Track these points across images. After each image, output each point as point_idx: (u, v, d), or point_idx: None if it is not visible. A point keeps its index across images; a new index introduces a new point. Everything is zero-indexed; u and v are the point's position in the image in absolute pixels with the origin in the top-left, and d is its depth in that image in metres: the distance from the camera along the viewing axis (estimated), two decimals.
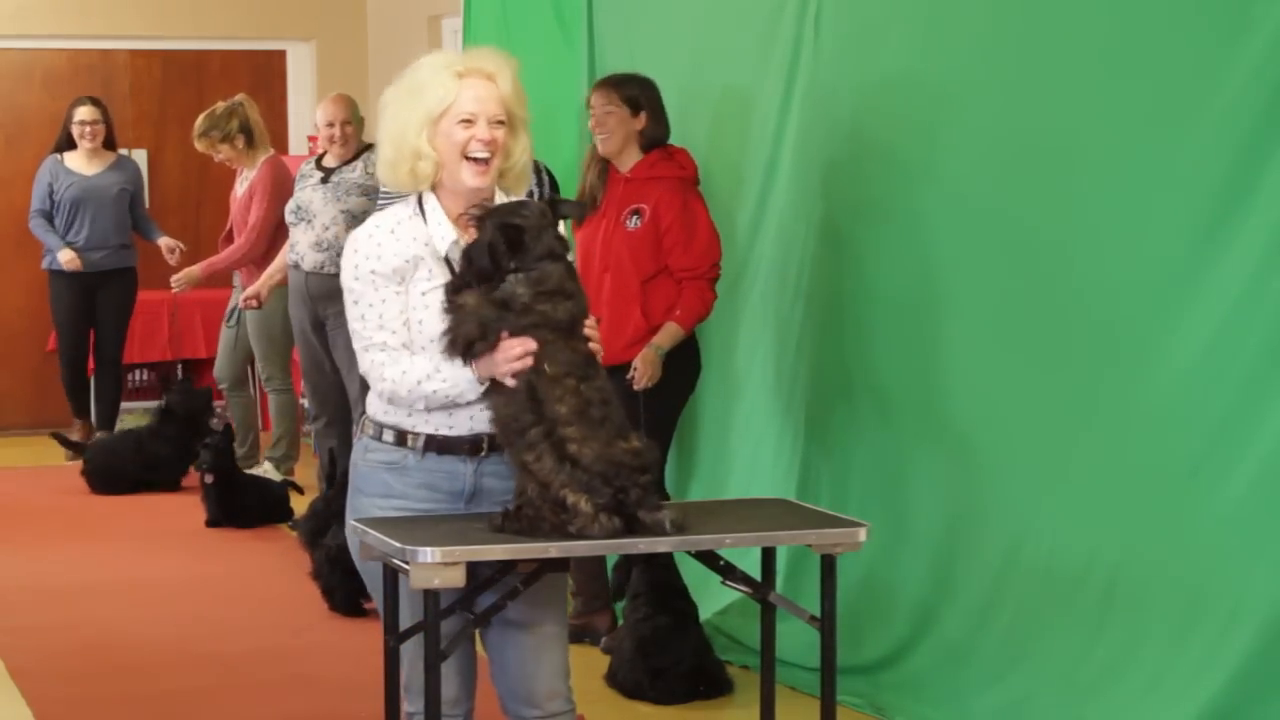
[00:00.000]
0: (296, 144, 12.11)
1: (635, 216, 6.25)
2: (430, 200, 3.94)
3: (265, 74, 12.30)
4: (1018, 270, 5.31)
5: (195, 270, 9.55)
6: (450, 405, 3.88)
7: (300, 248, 8.47)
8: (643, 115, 6.31)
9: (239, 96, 9.61)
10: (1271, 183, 4.49)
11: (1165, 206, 4.80)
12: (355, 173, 8.47)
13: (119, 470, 9.49)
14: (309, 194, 8.50)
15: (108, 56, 12.02)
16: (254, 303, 9.02)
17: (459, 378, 3.82)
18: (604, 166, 6.38)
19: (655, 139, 6.34)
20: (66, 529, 8.86)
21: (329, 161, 8.60)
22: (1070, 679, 5.09)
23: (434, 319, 3.87)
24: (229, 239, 9.62)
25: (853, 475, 6.01)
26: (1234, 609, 4.61)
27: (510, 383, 3.75)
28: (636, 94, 6.34)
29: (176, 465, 9.52)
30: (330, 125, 8.55)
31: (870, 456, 5.93)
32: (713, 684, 5.85)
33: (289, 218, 8.57)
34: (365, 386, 4.06)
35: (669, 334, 6.18)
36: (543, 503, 3.77)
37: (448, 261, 3.89)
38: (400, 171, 3.92)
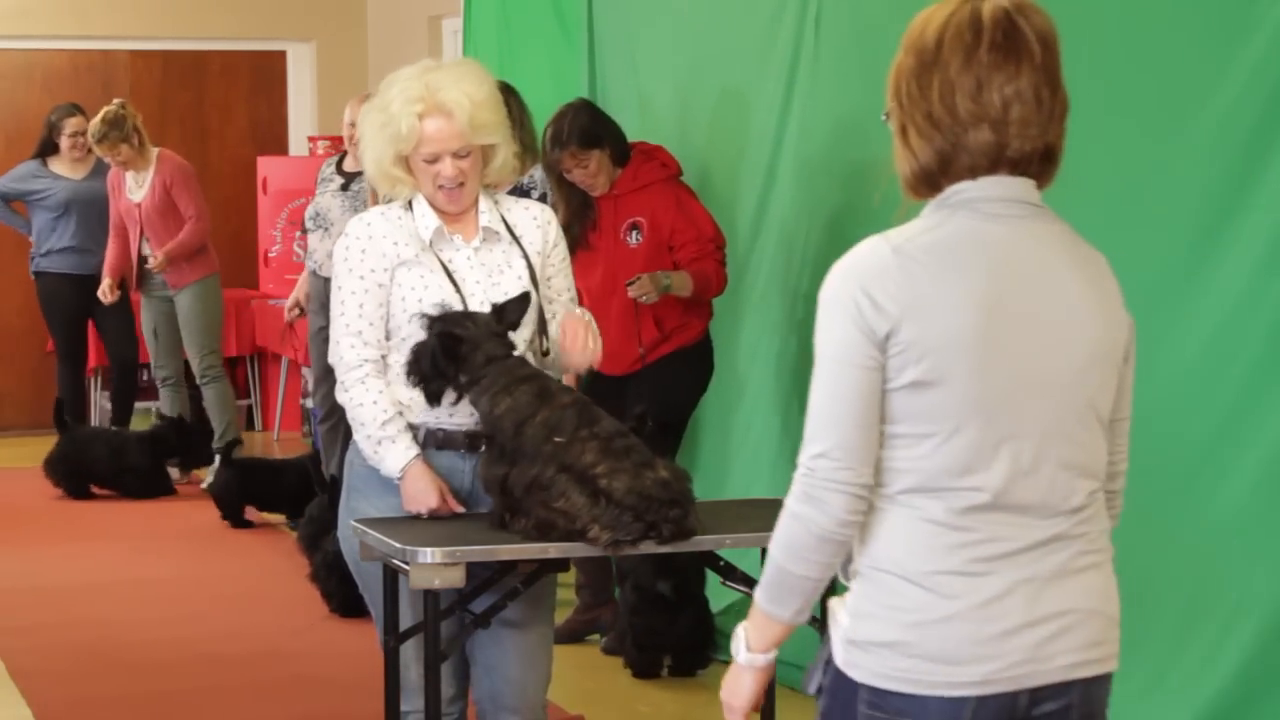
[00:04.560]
0: (296, 144, 12.12)
1: (635, 231, 6.23)
2: (417, 196, 4.04)
3: (265, 74, 12.30)
4: None
5: (159, 256, 9.60)
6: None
7: (318, 255, 8.36)
8: (605, 143, 6.28)
9: (119, 100, 9.65)
10: (1271, 183, 4.49)
11: (1165, 206, 4.80)
12: None
13: (86, 468, 9.56)
14: (328, 200, 8.39)
15: (108, 56, 12.03)
16: (297, 311, 8.99)
17: (390, 465, 3.95)
18: (583, 195, 6.31)
19: (623, 151, 6.31)
20: (67, 529, 8.86)
21: (349, 165, 8.46)
22: None
23: (425, 306, 3.94)
24: (122, 240, 9.71)
25: None
26: (1234, 609, 4.61)
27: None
28: (589, 129, 6.27)
29: (150, 479, 9.57)
30: (354, 125, 8.48)
31: None
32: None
33: (308, 224, 8.49)
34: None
35: (681, 276, 6.14)
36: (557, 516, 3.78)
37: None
38: (382, 187, 4.06)
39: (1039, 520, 2.58)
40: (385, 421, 3.94)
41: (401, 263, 3.97)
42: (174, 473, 9.76)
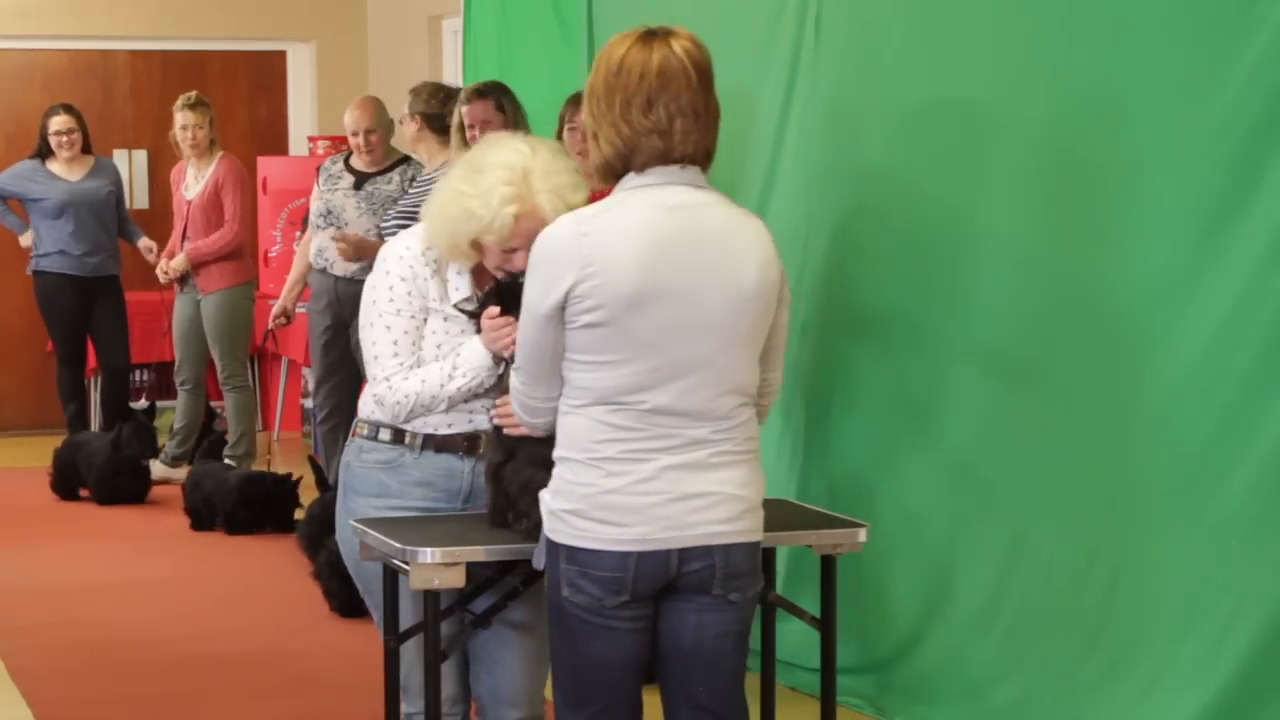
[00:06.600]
0: (296, 144, 12.12)
1: None
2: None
3: (265, 74, 12.31)
4: (1018, 270, 5.31)
5: (180, 259, 9.59)
6: (473, 396, 3.98)
7: (330, 253, 8.24)
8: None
9: None
10: (1271, 183, 4.49)
11: (1165, 206, 4.80)
12: (391, 185, 8.21)
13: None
14: (341, 199, 8.29)
15: (108, 56, 12.03)
16: (283, 320, 8.90)
17: (477, 367, 3.92)
18: None
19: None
20: (67, 529, 8.87)
21: (358, 164, 8.38)
22: (1070, 679, 5.09)
23: (451, 344, 3.96)
24: (179, 238, 9.72)
25: (852, 476, 6.01)
26: (1234, 609, 4.61)
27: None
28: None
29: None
30: (354, 135, 8.28)
31: (870, 457, 5.93)
32: None
33: (316, 220, 8.37)
34: None
35: None
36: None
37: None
38: (444, 250, 3.99)
39: (690, 425, 3.44)
40: (450, 370, 3.94)
41: (430, 309, 3.99)
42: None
